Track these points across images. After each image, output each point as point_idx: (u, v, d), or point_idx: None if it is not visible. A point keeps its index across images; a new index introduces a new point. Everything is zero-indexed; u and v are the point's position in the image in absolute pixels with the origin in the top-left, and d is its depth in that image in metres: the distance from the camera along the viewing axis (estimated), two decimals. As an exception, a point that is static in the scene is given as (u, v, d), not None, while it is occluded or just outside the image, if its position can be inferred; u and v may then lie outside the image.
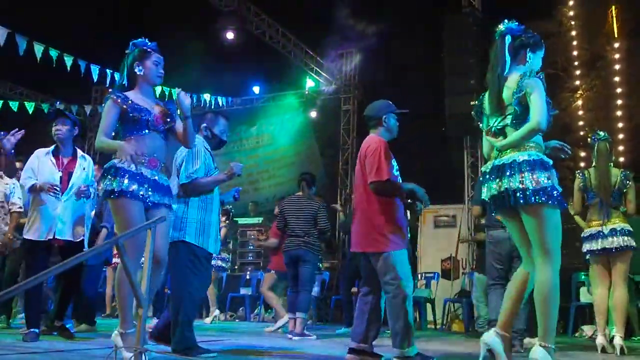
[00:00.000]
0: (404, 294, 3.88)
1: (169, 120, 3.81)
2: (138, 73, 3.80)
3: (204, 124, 4.53)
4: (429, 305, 9.42)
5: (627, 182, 5.37)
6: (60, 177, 5.16)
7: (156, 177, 3.68)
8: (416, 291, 9.83)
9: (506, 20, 3.54)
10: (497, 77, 3.43)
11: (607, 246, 5.26)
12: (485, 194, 3.45)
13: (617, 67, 13.68)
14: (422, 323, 9.42)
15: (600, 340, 5.17)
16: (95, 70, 11.62)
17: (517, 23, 3.52)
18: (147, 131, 3.71)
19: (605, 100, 13.36)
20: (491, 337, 3.37)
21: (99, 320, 7.07)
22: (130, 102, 3.69)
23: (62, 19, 13.20)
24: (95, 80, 12.09)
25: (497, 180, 3.34)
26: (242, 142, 15.89)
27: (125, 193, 3.52)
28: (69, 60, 11.10)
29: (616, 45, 13.89)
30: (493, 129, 3.47)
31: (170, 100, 4.12)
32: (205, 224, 4.18)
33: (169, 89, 13.27)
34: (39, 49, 10.48)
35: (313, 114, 15.25)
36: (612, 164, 5.51)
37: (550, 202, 3.21)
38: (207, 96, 14.78)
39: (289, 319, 6.74)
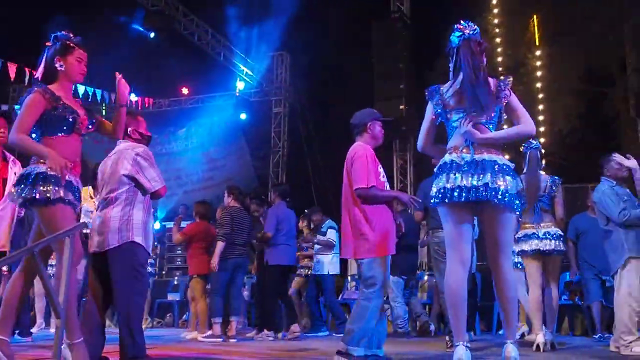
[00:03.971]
0: (376, 301, 3.96)
1: (90, 124, 3.64)
2: (59, 69, 3.56)
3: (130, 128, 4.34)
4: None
5: (555, 187, 5.57)
6: None
7: (78, 185, 3.52)
8: (347, 293, 9.87)
9: (463, 23, 3.61)
10: (480, 79, 3.47)
11: (541, 248, 5.47)
12: (447, 183, 3.42)
13: (538, 73, 14.21)
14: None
15: (539, 339, 5.29)
16: (12, 68, 11.15)
17: (471, 24, 3.61)
18: (70, 133, 3.50)
19: (528, 106, 13.58)
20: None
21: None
22: (58, 99, 3.47)
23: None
24: (12, 78, 11.62)
25: (475, 174, 3.37)
26: (170, 144, 15.52)
27: (63, 200, 3.36)
28: (-17, 58, 10.60)
29: (537, 52, 14.43)
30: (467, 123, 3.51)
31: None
32: (147, 226, 4.01)
33: (92, 88, 12.87)
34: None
35: (243, 116, 15.11)
36: (541, 170, 5.70)
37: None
38: (133, 97, 14.41)
39: (216, 323, 6.76)
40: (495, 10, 14.69)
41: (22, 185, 3.36)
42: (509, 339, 3.34)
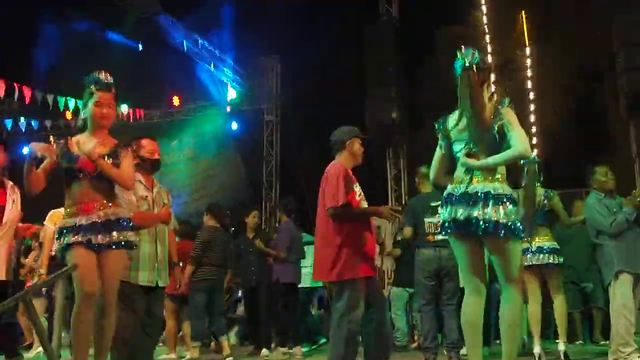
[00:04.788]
0: (347, 327, 3.90)
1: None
2: (83, 116, 3.73)
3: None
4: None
5: (546, 201, 5.56)
6: None
7: (95, 220, 3.53)
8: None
9: (464, 51, 3.62)
10: (474, 107, 3.50)
11: (535, 262, 5.48)
12: (447, 215, 3.50)
13: (528, 72, 14.20)
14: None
15: (537, 350, 5.41)
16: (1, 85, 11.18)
17: (472, 52, 3.60)
18: (73, 177, 3.59)
19: (518, 105, 13.66)
20: None
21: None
22: (65, 147, 3.57)
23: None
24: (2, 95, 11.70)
25: (467, 206, 3.39)
26: (162, 156, 15.23)
27: (64, 249, 3.53)
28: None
29: (527, 50, 14.42)
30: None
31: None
32: (133, 257, 4.03)
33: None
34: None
35: (235, 126, 15.08)
36: (539, 184, 5.67)
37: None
38: (124, 108, 14.32)
39: (194, 346, 6.75)
40: (484, 8, 14.65)
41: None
42: None
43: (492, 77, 13.58)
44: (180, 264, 6.21)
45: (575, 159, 12.48)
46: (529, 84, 14.01)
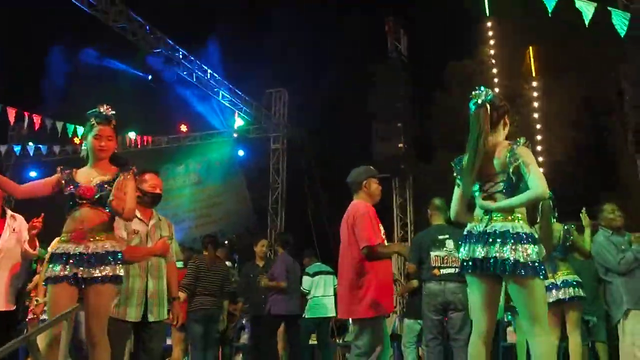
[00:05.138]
0: None
1: (98, 190, 3.62)
2: (84, 148, 3.75)
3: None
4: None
5: (569, 236, 5.46)
6: None
7: (83, 251, 3.50)
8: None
9: (479, 89, 3.46)
10: (482, 146, 3.36)
11: (560, 297, 5.31)
12: (465, 254, 3.39)
13: (535, 104, 14.29)
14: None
15: None
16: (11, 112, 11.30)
17: (486, 91, 3.45)
18: (73, 204, 3.60)
19: (526, 136, 13.73)
20: None
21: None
22: (69, 176, 3.64)
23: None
24: (12, 122, 11.81)
25: (485, 245, 3.28)
26: (168, 181, 15.44)
27: (49, 280, 3.49)
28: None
29: (534, 83, 14.54)
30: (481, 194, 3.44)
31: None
32: (125, 291, 4.01)
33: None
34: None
35: (241, 153, 15.17)
36: (555, 220, 5.60)
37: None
38: (132, 134, 14.43)
39: None
40: (492, 42, 14.79)
41: None
42: None
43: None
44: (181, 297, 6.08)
45: (581, 192, 12.47)
46: (536, 116, 14.11)
